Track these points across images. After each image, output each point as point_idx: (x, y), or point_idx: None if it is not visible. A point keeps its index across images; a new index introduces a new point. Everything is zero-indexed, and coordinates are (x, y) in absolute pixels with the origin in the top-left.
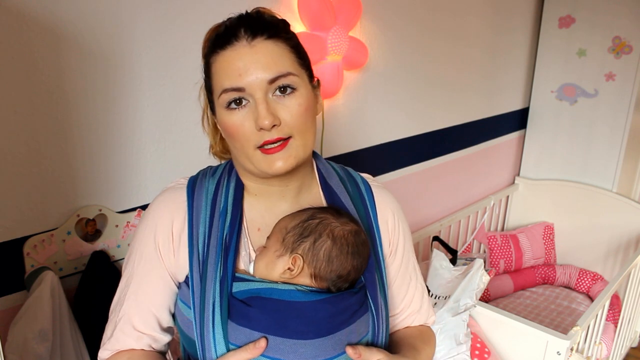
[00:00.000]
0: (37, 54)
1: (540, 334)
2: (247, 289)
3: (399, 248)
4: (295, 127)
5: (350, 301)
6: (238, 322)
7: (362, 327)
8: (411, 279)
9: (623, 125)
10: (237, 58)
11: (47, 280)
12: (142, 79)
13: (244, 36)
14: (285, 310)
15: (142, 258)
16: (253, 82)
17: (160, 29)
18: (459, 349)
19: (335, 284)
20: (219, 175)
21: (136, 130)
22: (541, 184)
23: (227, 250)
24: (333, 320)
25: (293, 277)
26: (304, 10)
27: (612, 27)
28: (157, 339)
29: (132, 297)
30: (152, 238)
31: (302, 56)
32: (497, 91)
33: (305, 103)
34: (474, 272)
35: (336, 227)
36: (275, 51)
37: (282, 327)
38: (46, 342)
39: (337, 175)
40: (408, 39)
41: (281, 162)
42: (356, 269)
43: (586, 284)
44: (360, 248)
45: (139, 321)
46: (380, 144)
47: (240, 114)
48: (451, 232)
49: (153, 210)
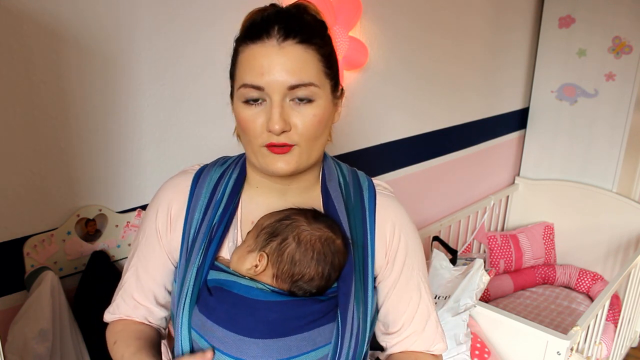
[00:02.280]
0: (37, 54)
1: (540, 334)
2: (216, 278)
3: (397, 261)
4: (304, 136)
5: (311, 308)
6: (199, 309)
7: (320, 337)
8: (412, 297)
9: (623, 125)
10: (263, 55)
11: (47, 280)
12: (142, 79)
13: (276, 35)
14: (240, 305)
15: (144, 234)
16: (273, 83)
17: (160, 29)
18: (459, 349)
19: (299, 288)
20: (227, 165)
21: (136, 130)
22: (541, 184)
23: (210, 240)
24: (286, 323)
25: (257, 274)
26: None
27: (612, 27)
28: (153, 311)
29: (133, 268)
30: (154, 216)
31: (330, 65)
32: (497, 91)
33: (321, 114)
34: (474, 272)
35: (304, 230)
36: (302, 57)
37: (232, 321)
38: (46, 342)
39: (338, 179)
40: (408, 39)
41: (283, 163)
42: (321, 277)
43: (586, 284)
44: (329, 256)
45: (137, 292)
46: (380, 144)
47: (255, 110)
48: (451, 232)
49: (161, 190)
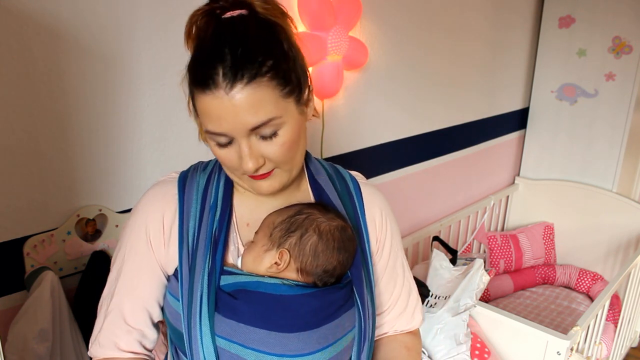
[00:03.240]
0: (37, 54)
1: (540, 334)
2: (234, 282)
3: (385, 245)
4: (279, 162)
5: (335, 296)
6: (224, 314)
7: (348, 321)
8: (398, 278)
9: (623, 125)
10: (216, 106)
11: (47, 280)
12: (142, 79)
13: (222, 83)
14: (271, 303)
15: (132, 251)
16: (233, 130)
17: (160, 29)
18: (459, 349)
19: (321, 279)
20: (210, 170)
21: (136, 130)
22: (541, 184)
23: (216, 244)
24: (318, 314)
25: (280, 271)
26: (304, 10)
27: (612, 27)
28: (146, 334)
29: (122, 290)
30: (143, 230)
31: (287, 81)
32: (497, 91)
33: (291, 139)
34: (474, 272)
35: (322, 222)
36: (255, 98)
37: (267, 320)
38: (46, 342)
39: (325, 173)
40: (408, 39)
41: (266, 186)
42: (342, 264)
43: (586, 284)
44: (347, 243)
45: (130, 315)
46: (380, 144)
47: (227, 150)
48: (451, 232)
49: (144, 203)
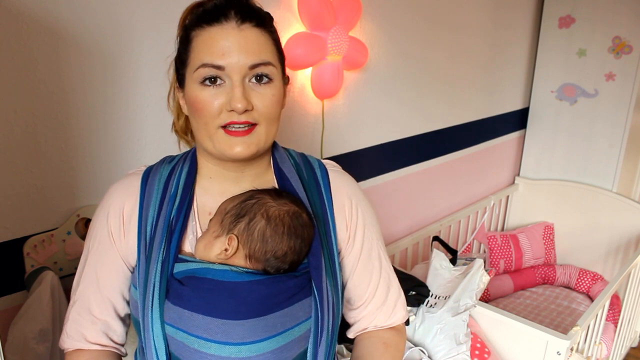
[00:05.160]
0: (37, 54)
1: (540, 334)
2: (185, 269)
3: (357, 234)
4: (264, 115)
5: (287, 284)
6: (173, 301)
7: (301, 311)
8: (374, 269)
9: (623, 125)
10: (223, 37)
11: (47, 280)
12: (142, 78)
13: (234, 17)
14: (218, 290)
15: (96, 241)
16: (235, 63)
17: (161, 29)
18: (459, 349)
19: (271, 265)
20: (175, 162)
21: (136, 130)
22: (541, 184)
23: (171, 233)
24: (266, 301)
25: (228, 257)
26: (304, 10)
27: (612, 27)
28: (112, 326)
29: (87, 279)
30: (105, 221)
31: (280, 51)
32: (497, 91)
33: (278, 95)
34: (474, 272)
35: (272, 207)
36: (261, 39)
37: (213, 306)
38: (46, 342)
39: (290, 161)
40: (408, 39)
41: (241, 147)
42: (293, 251)
43: (586, 284)
44: (299, 230)
45: (95, 305)
46: (380, 144)
47: (212, 91)
48: (451, 232)
49: (108, 195)
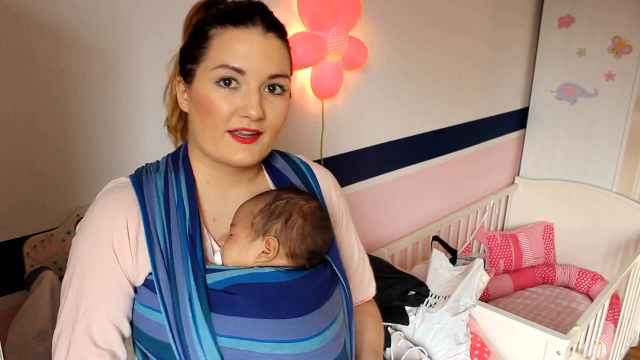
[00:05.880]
0: (37, 54)
1: (540, 334)
2: (224, 278)
3: (343, 222)
4: (273, 126)
5: (325, 275)
6: (223, 312)
7: (338, 297)
8: (354, 251)
9: (623, 125)
10: (249, 42)
11: (47, 280)
12: (142, 78)
13: (261, 24)
14: (271, 292)
15: (95, 266)
16: (257, 70)
17: (161, 29)
18: (459, 349)
19: (309, 260)
20: (164, 170)
21: (136, 130)
22: (541, 184)
23: (193, 243)
24: (316, 295)
25: (270, 259)
26: (304, 10)
27: (612, 27)
28: (117, 354)
29: (90, 311)
30: (107, 242)
31: (292, 63)
32: (497, 91)
33: (288, 108)
34: (474, 272)
35: (304, 205)
36: (282, 51)
37: (275, 309)
38: (46, 342)
39: (282, 159)
40: (408, 39)
41: (244, 155)
42: (327, 243)
43: (586, 284)
44: (327, 222)
45: (101, 336)
46: (380, 144)
47: (226, 93)
48: (451, 232)
49: (103, 212)
